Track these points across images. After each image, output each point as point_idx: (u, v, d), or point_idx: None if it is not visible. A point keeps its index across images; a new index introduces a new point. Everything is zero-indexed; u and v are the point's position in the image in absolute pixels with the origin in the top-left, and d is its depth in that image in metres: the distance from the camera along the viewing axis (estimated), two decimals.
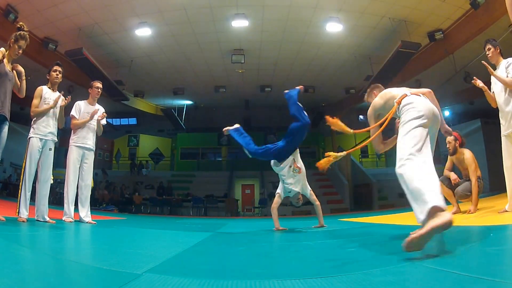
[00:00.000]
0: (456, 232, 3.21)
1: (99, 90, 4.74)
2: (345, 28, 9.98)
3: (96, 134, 4.76)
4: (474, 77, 3.86)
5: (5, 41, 3.57)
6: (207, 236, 3.48)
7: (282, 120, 19.52)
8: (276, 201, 4.19)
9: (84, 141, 4.55)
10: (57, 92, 4.22)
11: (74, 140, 4.53)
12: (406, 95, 2.28)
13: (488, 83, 3.90)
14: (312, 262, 1.93)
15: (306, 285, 1.27)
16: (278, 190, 4.22)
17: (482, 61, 3.74)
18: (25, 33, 3.53)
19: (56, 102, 4.09)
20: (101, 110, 4.78)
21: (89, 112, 4.60)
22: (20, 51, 3.50)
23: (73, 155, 4.47)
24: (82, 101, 4.68)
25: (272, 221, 4.23)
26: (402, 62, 10.40)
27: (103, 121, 4.79)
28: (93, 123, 4.66)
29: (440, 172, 5.45)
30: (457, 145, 4.74)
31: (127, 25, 9.91)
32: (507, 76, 3.58)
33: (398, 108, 2.26)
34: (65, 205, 4.35)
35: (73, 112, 4.57)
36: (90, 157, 4.61)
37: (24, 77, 3.67)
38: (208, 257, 2.16)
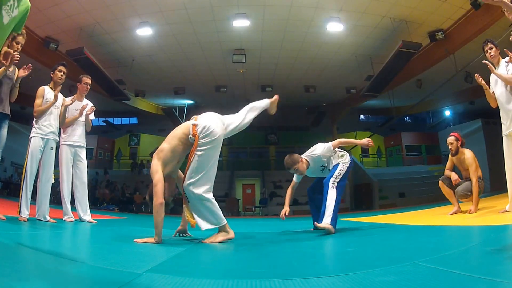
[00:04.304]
0: (457, 231, 3.21)
1: (88, 86, 4.61)
2: (345, 28, 9.98)
3: (86, 130, 4.66)
4: (476, 74, 3.86)
5: None
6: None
7: (283, 120, 19.60)
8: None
9: (74, 139, 4.47)
10: (59, 93, 4.22)
11: (65, 138, 4.45)
12: None
13: (487, 83, 3.90)
14: (313, 262, 1.93)
15: (307, 284, 1.27)
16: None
17: (484, 61, 3.74)
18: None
19: (56, 98, 4.06)
20: (89, 104, 4.65)
21: (78, 109, 4.49)
22: (19, 47, 3.49)
23: (65, 154, 4.40)
24: (70, 98, 4.52)
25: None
26: (403, 62, 10.39)
27: (91, 116, 4.64)
28: (82, 119, 4.56)
29: (441, 172, 5.46)
30: (458, 145, 4.74)
31: (128, 25, 9.92)
32: (507, 73, 3.58)
33: None
34: (63, 205, 4.35)
35: None
36: (83, 155, 4.54)
37: (17, 84, 3.65)
38: (209, 257, 2.16)
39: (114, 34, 10.36)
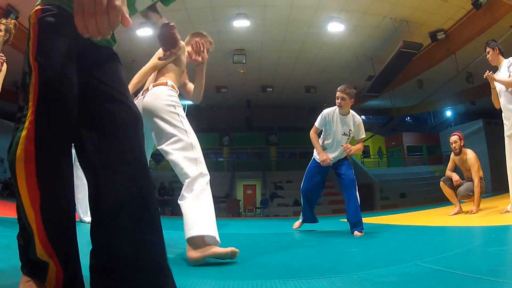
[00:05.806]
0: (458, 232, 3.20)
1: None
2: (346, 28, 9.97)
3: None
4: (488, 71, 3.71)
5: None
6: None
7: (284, 120, 19.61)
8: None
9: None
10: None
11: None
12: None
13: (488, 84, 3.87)
14: (314, 263, 1.93)
15: (309, 285, 1.26)
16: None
17: (484, 76, 3.68)
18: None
19: None
20: None
21: None
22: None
23: None
24: None
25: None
26: (404, 62, 10.38)
27: None
28: None
29: (442, 173, 5.45)
30: (462, 144, 4.72)
31: None
32: (510, 76, 3.56)
33: None
34: None
35: None
36: None
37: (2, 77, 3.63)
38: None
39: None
